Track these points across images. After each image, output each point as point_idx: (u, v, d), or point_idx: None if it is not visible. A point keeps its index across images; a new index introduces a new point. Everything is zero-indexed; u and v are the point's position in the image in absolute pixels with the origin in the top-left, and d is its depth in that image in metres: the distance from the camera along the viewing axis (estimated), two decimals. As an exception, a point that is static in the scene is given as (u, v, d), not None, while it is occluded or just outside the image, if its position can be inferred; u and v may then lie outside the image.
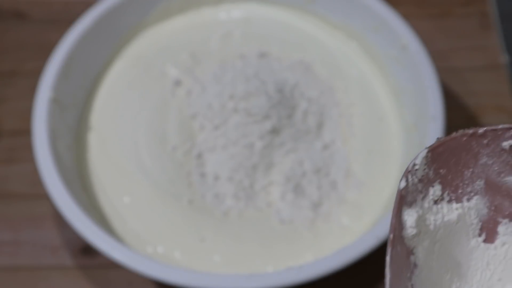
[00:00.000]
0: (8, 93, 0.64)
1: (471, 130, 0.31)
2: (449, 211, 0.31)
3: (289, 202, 0.54)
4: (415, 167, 0.30)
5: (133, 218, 0.54)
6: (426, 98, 0.56)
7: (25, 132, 0.59)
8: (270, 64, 0.61)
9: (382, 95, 0.60)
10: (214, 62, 0.61)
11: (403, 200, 0.29)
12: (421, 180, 0.30)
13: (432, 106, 0.55)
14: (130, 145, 0.57)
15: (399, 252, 0.29)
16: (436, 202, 0.31)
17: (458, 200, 0.31)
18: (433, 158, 0.31)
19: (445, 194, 0.31)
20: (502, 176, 0.32)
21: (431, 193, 0.31)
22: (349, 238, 0.53)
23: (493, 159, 0.31)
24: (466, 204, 0.32)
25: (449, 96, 0.63)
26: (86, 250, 0.56)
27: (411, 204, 0.30)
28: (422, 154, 0.30)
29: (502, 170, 0.32)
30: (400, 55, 0.59)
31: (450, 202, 0.31)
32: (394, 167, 0.57)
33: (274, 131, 0.56)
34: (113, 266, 0.53)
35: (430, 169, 0.31)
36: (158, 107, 0.59)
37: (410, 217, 0.29)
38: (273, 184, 0.55)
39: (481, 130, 0.31)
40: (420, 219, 0.30)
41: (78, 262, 0.56)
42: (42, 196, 0.56)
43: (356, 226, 0.54)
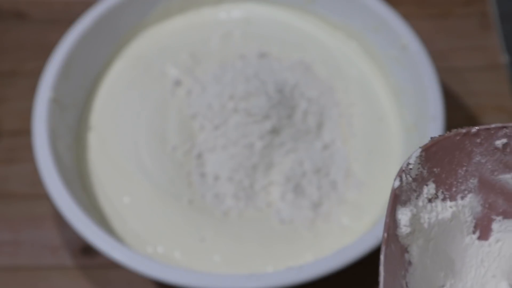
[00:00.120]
0: (8, 93, 0.64)
1: (465, 129, 0.31)
2: (443, 209, 0.31)
3: (289, 202, 0.54)
4: (409, 166, 0.30)
5: (133, 218, 0.54)
6: (426, 98, 0.56)
7: (25, 132, 0.59)
8: (270, 64, 0.61)
9: (382, 95, 0.60)
10: (214, 62, 0.61)
11: (397, 199, 0.30)
12: (415, 179, 0.31)
13: (432, 106, 0.55)
14: (130, 145, 0.57)
15: (394, 250, 0.29)
16: (430, 201, 0.31)
17: (452, 198, 0.32)
18: (427, 157, 0.31)
19: (439, 193, 0.31)
20: (496, 174, 0.32)
21: (425, 191, 0.31)
22: (349, 238, 0.53)
23: (486, 158, 0.32)
24: (460, 202, 0.32)
25: (449, 96, 0.63)
26: (86, 250, 0.56)
27: (405, 203, 0.30)
28: (416, 154, 0.31)
29: (495, 168, 0.32)
30: (400, 55, 0.59)
31: (444, 200, 0.32)
32: (394, 167, 0.56)
33: (274, 131, 0.56)
34: (113, 266, 0.53)
35: (424, 168, 0.31)
36: (158, 107, 0.59)
37: (404, 216, 0.30)
38: (273, 184, 0.55)
39: (474, 129, 0.31)
40: (414, 218, 0.30)
41: (78, 262, 0.56)
42: (42, 196, 0.56)
43: (356, 226, 0.54)
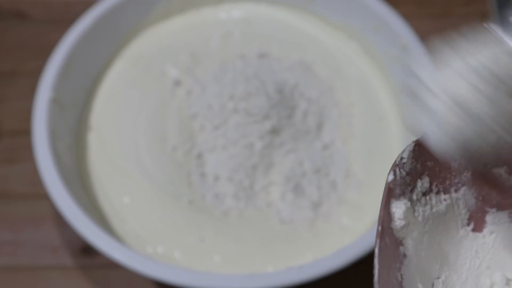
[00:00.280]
0: (8, 93, 0.64)
1: None
2: (437, 202, 0.32)
3: (289, 202, 0.54)
4: (403, 161, 0.31)
5: (133, 218, 0.54)
6: (426, 98, 0.56)
7: (25, 132, 0.59)
8: (270, 64, 0.61)
9: (382, 95, 0.60)
10: (214, 62, 0.61)
11: (391, 192, 0.30)
12: (408, 173, 0.31)
13: (432, 106, 0.55)
14: (130, 145, 0.57)
15: (388, 243, 0.29)
16: (424, 194, 0.31)
17: (446, 191, 0.32)
18: (420, 151, 0.31)
19: (433, 186, 0.32)
20: (489, 167, 0.32)
21: (419, 185, 0.31)
22: (349, 238, 0.53)
23: None
24: (454, 195, 0.32)
25: (449, 96, 0.63)
26: (86, 250, 0.56)
27: (399, 196, 0.30)
28: (409, 148, 0.31)
29: (488, 162, 0.32)
30: (400, 55, 0.59)
31: (438, 193, 0.32)
32: (394, 167, 0.57)
33: (274, 131, 0.56)
34: (113, 266, 0.53)
35: (417, 162, 0.31)
36: (158, 107, 0.59)
37: (398, 209, 0.30)
38: (273, 184, 0.55)
39: None
40: (408, 211, 0.30)
41: (78, 262, 0.56)
42: (42, 196, 0.56)
43: (356, 226, 0.54)
